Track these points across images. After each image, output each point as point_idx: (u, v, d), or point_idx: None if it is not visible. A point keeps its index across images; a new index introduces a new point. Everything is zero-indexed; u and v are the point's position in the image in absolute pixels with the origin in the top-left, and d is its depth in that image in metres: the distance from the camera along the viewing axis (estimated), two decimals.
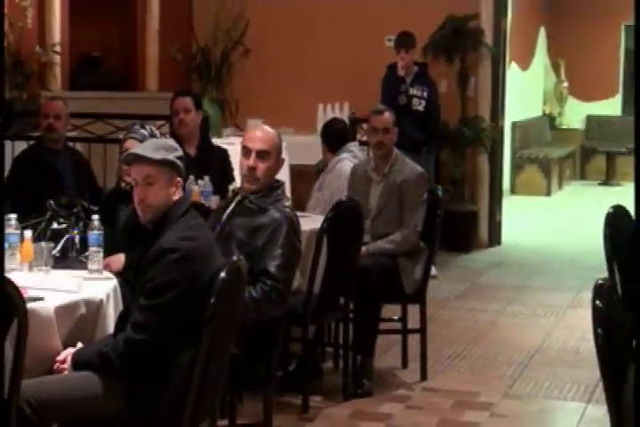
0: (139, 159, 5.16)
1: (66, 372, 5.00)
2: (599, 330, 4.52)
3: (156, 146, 5.26)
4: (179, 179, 5.17)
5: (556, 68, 21.54)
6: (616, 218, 7.19)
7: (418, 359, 8.10)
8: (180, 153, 5.32)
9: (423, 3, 13.00)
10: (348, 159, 8.54)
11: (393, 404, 7.48)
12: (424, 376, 8.04)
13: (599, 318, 4.52)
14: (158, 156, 5.10)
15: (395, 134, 8.34)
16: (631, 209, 7.44)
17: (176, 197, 5.12)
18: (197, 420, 5.07)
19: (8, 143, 10.05)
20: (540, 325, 9.78)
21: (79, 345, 5.14)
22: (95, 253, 6.03)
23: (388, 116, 8.43)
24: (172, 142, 5.52)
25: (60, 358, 5.04)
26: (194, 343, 4.86)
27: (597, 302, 4.55)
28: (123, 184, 6.71)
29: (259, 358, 5.98)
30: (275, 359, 6.44)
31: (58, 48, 12.39)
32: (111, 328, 5.39)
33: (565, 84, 21.90)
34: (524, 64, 19.03)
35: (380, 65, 12.25)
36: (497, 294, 11.19)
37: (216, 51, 13.53)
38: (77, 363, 4.99)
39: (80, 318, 5.38)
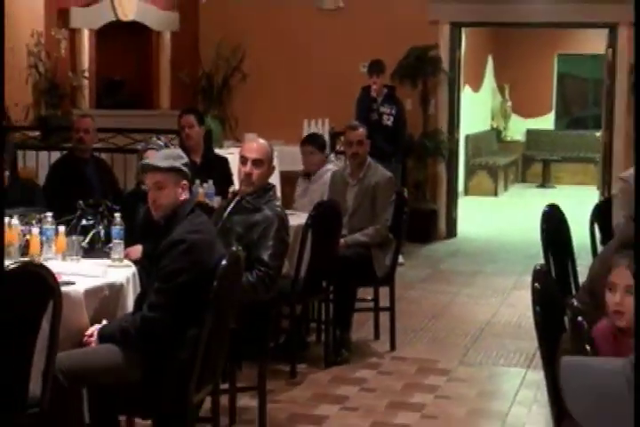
0: (150, 168, 5.26)
1: (93, 344, 5.02)
2: (537, 307, 4.54)
3: (165, 156, 5.36)
4: (184, 182, 5.20)
5: (501, 90, 21.56)
6: (551, 214, 7.24)
7: (388, 333, 8.13)
8: (186, 160, 5.36)
9: (391, 35, 12.97)
10: (329, 170, 8.54)
11: (367, 370, 7.51)
12: (393, 347, 8.08)
13: (537, 297, 4.54)
14: (166, 164, 5.17)
15: (367, 146, 8.37)
16: (563, 207, 7.51)
17: (183, 198, 5.17)
18: (202, 385, 5.10)
19: (45, 153, 10.05)
20: (489, 303, 9.84)
21: (104, 322, 5.16)
22: (117, 245, 6.04)
23: (361, 131, 8.47)
24: (178, 152, 5.57)
25: (88, 332, 5.06)
26: (199, 320, 4.89)
27: (536, 284, 4.57)
28: (143, 186, 6.69)
29: (255, 333, 5.99)
30: (268, 334, 6.48)
31: (86, 73, 12.36)
32: (130, 307, 5.42)
33: (509, 104, 21.93)
34: (475, 87, 19.03)
35: (356, 87, 12.28)
36: (454, 278, 11.24)
37: (218, 76, 13.49)
38: (102, 337, 5.02)
39: (104, 299, 5.41)
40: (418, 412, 6.61)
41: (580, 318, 3.96)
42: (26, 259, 5.55)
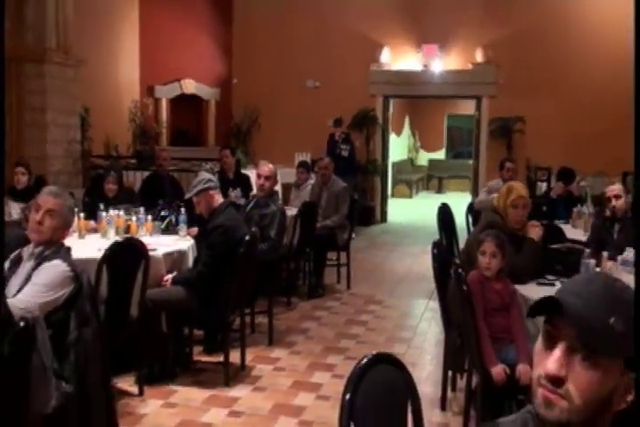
0: (189, 195, 5.25)
1: (168, 286, 4.99)
2: (435, 264, 4.51)
3: (195, 183, 5.21)
4: (211, 192, 5.13)
5: (413, 135, 21.54)
6: (443, 209, 7.28)
7: (345, 279, 8.11)
8: (209, 178, 5.28)
9: (347, 102, 12.91)
10: (312, 183, 8.51)
11: (333, 301, 7.47)
12: (349, 287, 8.05)
13: (435, 258, 4.51)
14: (192, 191, 5.16)
15: (331, 168, 8.33)
16: (450, 205, 7.51)
17: (216, 204, 5.16)
18: (234, 310, 5.07)
19: (139, 173, 9.99)
20: (406, 262, 9.81)
21: (174, 273, 5.13)
22: (182, 227, 6.05)
23: (327, 160, 8.43)
24: (203, 175, 5.37)
25: (165, 278, 5.05)
26: (232, 273, 4.85)
27: (434, 250, 4.55)
28: None
29: (266, 279, 5.97)
30: (274, 279, 6.46)
31: (164, 124, 12.41)
32: (190, 264, 5.41)
33: (418, 143, 21.96)
34: (398, 133, 19.01)
35: (326, 133, 12.28)
36: (384, 247, 11.20)
37: (243, 126, 13.54)
38: (174, 281, 5.01)
39: (175, 260, 5.39)
40: (364, 326, 6.59)
41: (459, 270, 3.94)
42: (128, 235, 5.54)
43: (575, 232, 6.74)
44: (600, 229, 5.70)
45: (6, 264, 3.38)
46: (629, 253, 4.48)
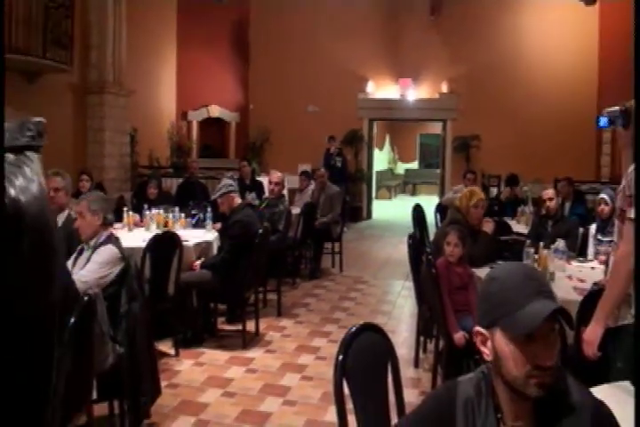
0: (215, 197, 5.21)
1: (197, 269, 4.98)
2: (410, 252, 4.51)
3: (219, 187, 5.18)
4: (232, 195, 5.11)
5: (393, 149, 21.52)
6: (416, 208, 7.23)
7: (338, 264, 8.09)
8: (230, 183, 5.27)
9: (340, 124, 12.92)
10: (312, 188, 8.49)
11: (328, 282, 7.46)
12: (341, 270, 8.03)
13: (409, 246, 4.51)
14: (217, 194, 5.13)
15: (326, 176, 8.33)
16: (422, 205, 7.47)
17: (236, 204, 5.14)
18: (250, 288, 5.07)
19: (175, 179, 9.97)
20: (387, 250, 9.77)
21: (202, 259, 5.12)
22: (208, 222, 6.04)
23: (322, 171, 8.49)
24: (228, 182, 5.28)
25: (195, 264, 5.03)
26: (248, 259, 4.85)
27: (410, 240, 4.54)
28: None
29: (276, 264, 5.96)
30: (282, 264, 6.44)
31: (194, 141, 12.36)
32: (215, 252, 5.39)
33: (397, 156, 21.92)
34: (380, 148, 18.99)
35: (322, 148, 12.20)
36: (371, 238, 11.16)
37: (257, 143, 13.46)
38: (202, 266, 4.99)
39: (203, 248, 5.39)
40: (353, 301, 6.58)
41: (429, 257, 3.94)
42: (166, 229, 5.52)
43: (519, 227, 6.75)
44: (538, 225, 5.73)
45: (73, 255, 3.55)
46: (560, 244, 4.51)
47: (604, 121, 2.71)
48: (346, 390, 2.06)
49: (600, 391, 1.81)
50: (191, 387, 4.13)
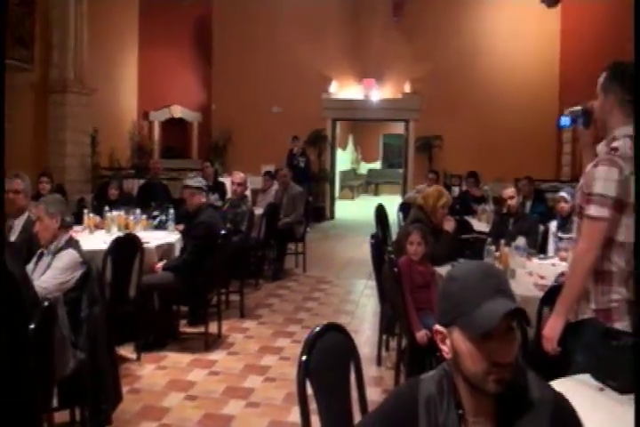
0: (188, 187, 5.13)
1: (159, 272, 4.92)
2: (373, 251, 4.52)
3: (196, 181, 5.22)
4: (202, 193, 5.13)
5: (356, 149, 21.63)
6: (379, 208, 7.28)
7: (302, 264, 8.09)
8: (205, 183, 5.30)
9: (304, 124, 12.88)
10: (275, 188, 8.47)
11: (291, 282, 7.45)
12: (305, 270, 8.02)
13: (372, 246, 4.53)
14: (194, 185, 5.13)
15: (289, 176, 8.32)
16: (385, 204, 7.52)
17: (201, 204, 5.11)
18: (212, 290, 5.04)
19: (137, 180, 9.88)
20: (350, 250, 9.78)
21: (164, 261, 5.07)
22: (171, 224, 5.99)
23: (286, 171, 8.47)
24: (202, 180, 5.39)
25: (157, 266, 4.97)
26: (211, 260, 4.81)
27: (372, 240, 4.56)
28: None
29: (239, 265, 5.93)
30: (245, 265, 6.41)
31: (156, 142, 12.28)
32: (177, 254, 5.33)
33: (360, 156, 22.03)
34: (344, 148, 19.08)
35: (286, 149, 12.15)
36: (334, 238, 11.19)
37: (220, 143, 13.33)
38: (164, 268, 4.93)
39: (165, 250, 5.34)
40: (317, 301, 6.59)
41: (392, 256, 3.96)
42: (127, 231, 5.45)
43: (480, 225, 6.84)
44: (499, 223, 5.81)
45: (33, 260, 3.52)
46: (521, 241, 4.58)
47: (565, 120, 2.76)
48: (309, 390, 2.05)
49: (560, 385, 1.84)
50: (153, 392, 4.07)
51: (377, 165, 22.20)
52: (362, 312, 6.22)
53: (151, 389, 4.11)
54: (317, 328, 2.14)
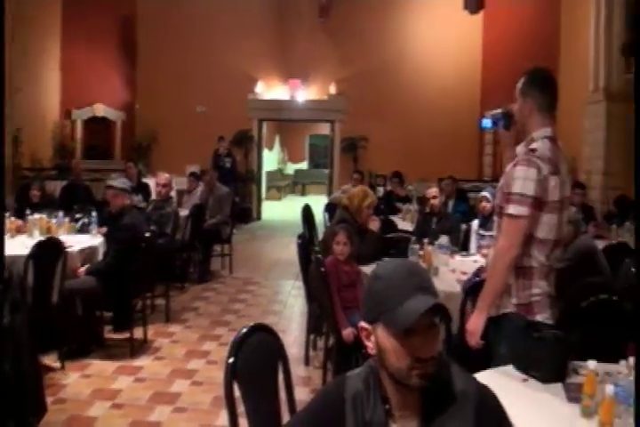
0: (111, 187, 4.98)
1: (82, 276, 4.78)
2: (300, 251, 4.54)
3: (122, 182, 5.10)
4: (127, 195, 4.99)
5: (283, 150, 21.65)
6: (306, 208, 7.30)
7: (228, 266, 8.00)
8: (130, 185, 5.19)
9: (231, 124, 12.81)
10: (200, 189, 8.37)
11: (218, 284, 7.37)
12: (231, 272, 7.94)
13: (299, 246, 4.54)
14: (119, 186, 4.98)
15: (215, 177, 8.24)
16: (311, 205, 7.56)
17: (125, 205, 4.96)
18: (137, 294, 4.96)
19: (59, 182, 9.62)
20: (277, 251, 9.76)
21: (87, 265, 4.92)
22: (94, 227, 5.84)
23: (211, 172, 8.42)
24: (125, 180, 5.27)
25: (80, 271, 4.84)
26: (135, 264, 4.71)
27: (299, 240, 4.58)
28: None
29: (163, 268, 5.82)
30: (170, 268, 6.30)
31: (79, 141, 12.01)
32: (100, 257, 5.21)
33: (286, 157, 22.06)
34: (270, 148, 19.06)
35: (211, 149, 11.95)
36: (261, 239, 11.16)
37: (145, 143, 13.03)
38: (87, 272, 4.80)
39: (87, 254, 5.22)
40: (244, 303, 6.56)
41: (319, 256, 3.99)
42: (50, 235, 5.27)
43: (404, 224, 6.98)
44: (422, 222, 5.95)
45: None
46: (443, 239, 4.70)
47: (487, 122, 2.86)
48: (237, 392, 2.03)
49: (485, 377, 1.90)
50: (78, 401, 3.95)
51: (303, 165, 22.30)
52: (289, 312, 6.23)
53: (77, 398, 3.99)
54: (244, 330, 2.13)
